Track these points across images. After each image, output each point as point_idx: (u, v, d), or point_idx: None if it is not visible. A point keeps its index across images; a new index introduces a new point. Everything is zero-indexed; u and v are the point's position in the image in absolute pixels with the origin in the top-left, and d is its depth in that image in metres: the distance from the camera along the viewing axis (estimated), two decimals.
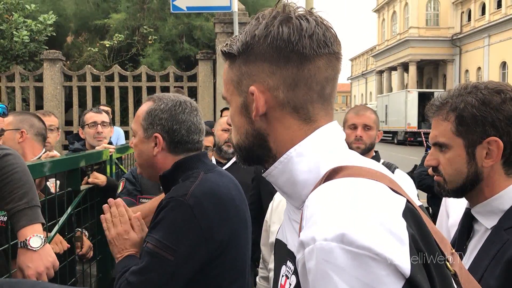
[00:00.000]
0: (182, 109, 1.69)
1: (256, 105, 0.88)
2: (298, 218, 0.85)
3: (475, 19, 33.97)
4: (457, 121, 1.28)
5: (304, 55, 0.86)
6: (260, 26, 0.88)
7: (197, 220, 1.48)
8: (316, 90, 0.88)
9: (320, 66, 0.87)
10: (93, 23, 9.46)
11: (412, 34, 37.66)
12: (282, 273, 0.89)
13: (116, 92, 8.43)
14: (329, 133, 0.90)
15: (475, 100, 1.25)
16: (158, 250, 1.46)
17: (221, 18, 7.75)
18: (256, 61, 0.88)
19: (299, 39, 0.85)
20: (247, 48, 0.89)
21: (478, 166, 1.27)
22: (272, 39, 0.86)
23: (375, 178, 0.79)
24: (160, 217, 1.50)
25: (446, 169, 1.32)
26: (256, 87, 0.88)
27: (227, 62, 0.95)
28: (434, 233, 0.80)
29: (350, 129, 2.63)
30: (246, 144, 0.94)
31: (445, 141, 1.31)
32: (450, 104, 1.30)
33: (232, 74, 0.93)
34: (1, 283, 1.05)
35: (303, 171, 0.86)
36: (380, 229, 0.68)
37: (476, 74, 33.69)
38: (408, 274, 0.66)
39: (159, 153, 1.68)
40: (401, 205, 0.76)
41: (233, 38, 0.93)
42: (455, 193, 1.34)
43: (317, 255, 0.68)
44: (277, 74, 0.87)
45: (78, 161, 2.44)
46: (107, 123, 3.51)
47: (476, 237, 1.29)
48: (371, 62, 53.38)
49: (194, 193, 1.51)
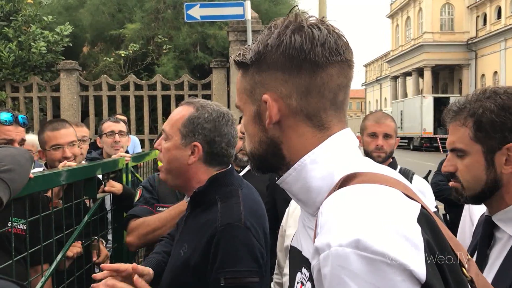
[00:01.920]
0: (226, 121, 1.66)
1: (270, 113, 0.89)
2: (313, 225, 0.85)
3: (491, 23, 33.61)
4: (475, 127, 1.25)
5: (316, 63, 0.86)
6: (272, 35, 0.89)
7: (256, 239, 1.51)
8: (329, 97, 0.89)
9: (332, 74, 0.88)
10: (108, 33, 9.58)
11: (427, 39, 37.40)
12: (297, 279, 0.90)
13: (131, 101, 8.51)
14: (343, 140, 0.91)
15: (494, 106, 1.23)
16: (245, 279, 1.44)
17: (234, 27, 7.79)
18: (269, 70, 0.89)
19: (312, 48, 0.86)
20: (260, 57, 0.90)
21: (497, 173, 1.24)
22: (285, 48, 0.87)
23: (389, 184, 0.79)
24: (225, 248, 1.45)
25: (464, 175, 1.30)
26: (269, 96, 0.89)
27: (240, 72, 0.96)
28: (449, 239, 0.80)
29: (370, 137, 2.60)
30: (260, 152, 0.95)
31: (463, 147, 1.29)
32: (468, 109, 1.28)
33: (245, 83, 0.94)
34: None
35: (317, 178, 0.87)
36: (395, 235, 0.69)
37: (493, 78, 33.27)
38: (423, 280, 0.66)
39: (194, 163, 1.64)
40: (415, 211, 0.76)
41: (246, 48, 0.95)
42: (473, 200, 1.32)
43: (332, 261, 0.69)
44: (290, 83, 0.88)
45: (95, 169, 2.47)
46: (124, 132, 3.56)
47: (499, 245, 1.26)
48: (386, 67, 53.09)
49: (245, 215, 1.52)
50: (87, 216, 2.34)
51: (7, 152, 1.67)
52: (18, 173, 1.63)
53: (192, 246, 1.53)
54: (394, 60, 45.17)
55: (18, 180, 1.62)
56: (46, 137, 2.59)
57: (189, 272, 1.50)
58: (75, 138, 2.68)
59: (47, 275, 1.93)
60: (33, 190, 1.81)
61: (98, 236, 2.54)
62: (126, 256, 2.81)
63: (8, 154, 1.65)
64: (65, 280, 2.12)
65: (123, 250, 2.74)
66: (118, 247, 2.76)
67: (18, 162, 1.65)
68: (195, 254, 1.50)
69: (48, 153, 2.60)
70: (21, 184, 1.65)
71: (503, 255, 1.23)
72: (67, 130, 2.64)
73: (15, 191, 1.60)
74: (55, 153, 2.57)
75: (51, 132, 2.59)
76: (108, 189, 2.63)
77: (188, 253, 1.53)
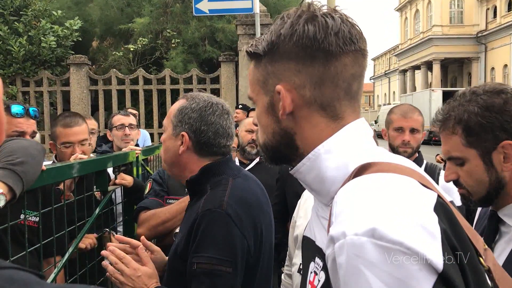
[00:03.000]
0: (213, 111, 1.66)
1: (283, 104, 0.88)
2: (327, 215, 0.85)
3: (501, 15, 33.20)
4: (465, 133, 1.25)
5: (330, 52, 0.86)
6: (285, 25, 0.88)
7: (238, 228, 1.48)
8: (343, 87, 0.88)
9: (346, 63, 0.87)
10: (117, 27, 9.61)
11: (436, 32, 37.05)
12: (310, 269, 0.89)
13: (140, 95, 8.54)
14: (357, 130, 0.90)
15: (477, 108, 1.22)
16: (216, 266, 1.43)
17: (243, 20, 7.78)
18: (282, 60, 0.88)
19: (325, 37, 0.85)
20: (273, 47, 0.89)
21: (499, 172, 1.24)
22: (298, 37, 0.86)
23: (404, 173, 0.78)
24: (202, 233, 1.46)
25: (467, 181, 1.30)
26: (283, 86, 0.88)
27: (253, 62, 0.95)
28: (466, 229, 0.79)
29: (396, 132, 2.53)
30: (273, 144, 0.94)
31: (459, 155, 1.28)
32: (454, 116, 1.27)
33: (258, 74, 0.93)
34: None
35: (332, 167, 0.86)
36: (412, 224, 0.68)
37: (503, 71, 32.93)
38: (440, 269, 0.66)
39: (185, 153, 1.66)
40: (432, 200, 0.75)
41: (258, 38, 0.94)
42: (482, 203, 1.32)
43: (348, 250, 0.68)
44: (303, 73, 0.87)
45: (106, 162, 2.48)
46: (134, 125, 3.58)
47: (505, 239, 1.26)
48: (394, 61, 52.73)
49: (228, 202, 1.50)
50: (99, 209, 2.36)
51: (19, 144, 1.68)
52: (31, 165, 1.64)
53: (181, 234, 1.56)
54: (402, 54, 44.83)
55: (31, 172, 1.63)
56: (58, 132, 2.59)
57: (178, 258, 1.52)
58: (86, 136, 2.65)
59: (60, 266, 1.95)
60: (46, 183, 1.83)
61: (109, 228, 2.56)
62: None
63: (20, 146, 1.67)
64: (77, 271, 2.14)
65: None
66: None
67: (30, 154, 1.66)
68: (182, 241, 1.52)
69: (59, 150, 2.61)
70: (34, 176, 1.66)
71: (508, 249, 1.23)
72: (80, 127, 2.61)
73: (28, 184, 1.61)
74: (65, 150, 2.58)
75: (63, 129, 2.58)
76: (119, 182, 2.65)
77: (177, 241, 1.57)
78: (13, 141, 1.68)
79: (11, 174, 1.56)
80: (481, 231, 1.34)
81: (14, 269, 0.40)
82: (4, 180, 1.53)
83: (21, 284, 0.38)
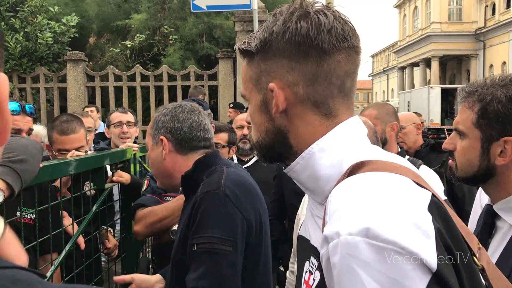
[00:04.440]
0: (182, 110, 1.76)
1: (276, 102, 0.88)
2: (321, 213, 0.85)
3: (500, 12, 33.21)
4: (480, 113, 1.25)
5: (323, 49, 0.85)
6: (278, 22, 0.87)
7: (237, 208, 1.51)
8: (336, 84, 0.87)
9: (339, 60, 0.86)
10: (114, 24, 9.59)
11: (434, 29, 37.06)
12: (305, 269, 0.89)
13: (138, 92, 8.53)
14: (351, 128, 0.89)
15: (504, 96, 1.21)
16: (217, 245, 1.45)
17: (241, 17, 7.76)
18: (274, 58, 0.88)
19: (318, 34, 0.85)
20: (265, 45, 0.88)
21: (491, 162, 1.24)
22: (291, 34, 0.85)
23: (399, 172, 0.78)
24: (201, 214, 1.49)
25: (459, 157, 1.32)
26: (276, 84, 0.88)
27: (246, 60, 0.94)
28: (460, 228, 0.79)
29: None
30: (266, 142, 0.93)
31: (464, 130, 1.29)
32: (479, 93, 1.27)
33: (251, 72, 0.93)
34: None
35: (326, 166, 0.86)
36: (406, 223, 0.67)
37: (501, 69, 32.95)
38: (434, 268, 0.65)
39: (168, 156, 1.72)
40: (426, 198, 0.74)
41: (251, 36, 0.93)
42: (464, 181, 1.33)
43: (342, 249, 0.68)
44: (297, 70, 0.86)
45: (103, 159, 2.47)
46: (132, 123, 3.56)
47: (500, 234, 1.27)
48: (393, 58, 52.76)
49: (226, 184, 1.53)
50: (96, 206, 2.35)
51: (19, 142, 1.67)
52: (30, 164, 1.64)
53: (182, 225, 1.58)
54: (401, 51, 44.85)
55: (29, 170, 1.63)
56: (54, 138, 2.55)
57: (181, 248, 1.54)
58: (83, 143, 2.61)
59: (56, 264, 1.95)
60: (42, 180, 1.82)
61: (106, 225, 2.56)
62: (134, 246, 2.83)
63: (20, 144, 1.66)
64: (74, 269, 2.13)
65: (132, 239, 2.76)
66: (126, 237, 2.77)
67: (30, 153, 1.65)
68: (183, 230, 1.55)
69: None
70: (32, 175, 1.66)
71: (503, 244, 1.23)
72: (76, 135, 2.55)
73: (26, 182, 1.61)
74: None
75: (59, 136, 2.53)
76: (116, 179, 2.64)
77: (179, 232, 1.60)
78: (13, 139, 1.68)
79: (10, 172, 1.55)
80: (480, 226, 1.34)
81: (17, 269, 0.39)
82: (3, 177, 1.52)
83: (24, 284, 0.38)
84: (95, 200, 2.38)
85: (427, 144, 3.50)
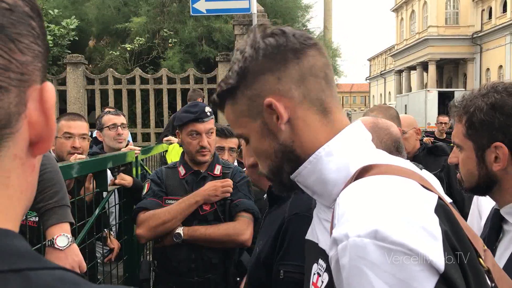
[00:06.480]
0: None
1: (279, 113, 0.89)
2: (329, 217, 0.86)
3: (496, 16, 33.31)
4: (467, 124, 1.29)
5: (297, 49, 0.90)
6: (246, 49, 0.91)
7: None
8: (321, 76, 0.92)
9: (313, 54, 0.91)
10: (114, 27, 9.60)
11: (432, 33, 37.13)
12: (313, 271, 0.91)
13: (137, 95, 8.54)
14: (356, 133, 0.92)
15: (485, 104, 1.25)
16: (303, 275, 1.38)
17: (240, 20, 7.78)
18: (258, 78, 0.90)
19: (286, 39, 0.90)
20: (244, 72, 0.91)
21: (489, 169, 1.27)
22: (264, 51, 0.89)
23: (405, 175, 0.80)
24: (289, 239, 1.37)
25: (461, 168, 1.36)
26: (272, 97, 0.89)
27: (228, 104, 0.96)
28: (466, 230, 0.81)
29: None
30: (277, 164, 0.94)
31: (459, 143, 1.33)
32: (464, 105, 1.32)
33: (240, 107, 0.94)
34: None
35: (333, 170, 0.87)
36: (413, 225, 0.69)
37: (498, 72, 33.04)
38: (442, 270, 0.67)
39: None
40: (433, 201, 0.77)
41: (222, 80, 0.95)
42: (471, 192, 1.37)
43: (351, 251, 0.70)
44: (283, 78, 0.89)
45: (106, 162, 2.50)
46: (125, 124, 3.46)
47: (507, 238, 1.29)
48: (390, 61, 52.81)
49: None
50: (99, 209, 2.37)
51: (55, 169, 1.73)
52: (64, 191, 1.73)
53: (264, 241, 1.48)
54: (398, 54, 44.92)
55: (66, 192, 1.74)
56: (60, 125, 2.69)
57: (261, 267, 1.45)
58: (87, 132, 2.77)
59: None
60: None
61: (108, 228, 2.58)
62: (135, 248, 2.85)
63: (56, 171, 1.73)
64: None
65: (133, 242, 2.77)
66: (128, 239, 2.79)
67: (61, 179, 1.74)
68: (265, 248, 1.45)
69: (59, 141, 2.66)
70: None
71: (511, 248, 1.25)
72: (81, 123, 2.76)
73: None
74: (65, 142, 2.64)
75: (66, 122, 2.70)
76: (119, 182, 2.66)
77: (260, 248, 1.49)
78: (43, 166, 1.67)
79: (67, 210, 1.69)
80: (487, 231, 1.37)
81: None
82: (69, 219, 1.68)
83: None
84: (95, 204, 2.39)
85: (424, 148, 3.53)
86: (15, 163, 0.44)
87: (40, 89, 0.46)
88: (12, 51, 0.42)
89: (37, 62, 0.45)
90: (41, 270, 0.40)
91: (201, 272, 2.31)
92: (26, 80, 0.44)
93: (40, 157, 0.49)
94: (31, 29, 0.44)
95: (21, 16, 0.43)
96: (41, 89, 0.46)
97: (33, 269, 0.40)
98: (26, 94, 0.44)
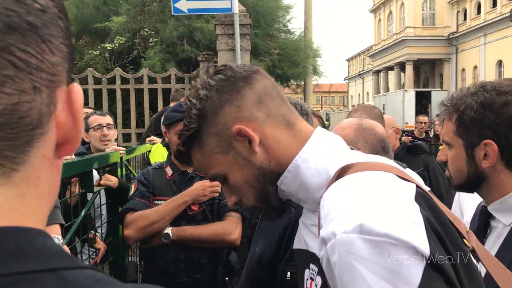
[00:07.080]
0: None
1: (250, 136, 0.92)
2: (315, 221, 0.89)
3: (471, 18, 34.01)
4: (457, 122, 1.32)
5: (246, 77, 0.95)
6: (199, 91, 0.95)
7: None
8: (274, 94, 0.97)
9: (261, 78, 0.97)
10: (94, 26, 9.47)
11: (409, 33, 37.68)
12: (306, 276, 0.93)
13: (118, 95, 8.45)
14: (326, 136, 0.97)
15: (475, 103, 1.29)
16: None
17: (221, 20, 7.77)
18: (219, 113, 0.93)
19: (232, 72, 0.95)
20: (203, 112, 0.94)
21: (478, 166, 1.30)
22: (216, 87, 0.93)
23: (383, 169, 0.84)
24: None
25: (450, 166, 1.39)
26: (239, 124, 0.92)
27: (195, 149, 0.97)
28: (448, 214, 0.85)
29: None
30: (262, 189, 0.96)
31: (449, 140, 1.36)
32: (454, 104, 1.35)
33: (208, 146, 0.95)
34: None
35: (313, 175, 0.91)
36: (396, 215, 0.73)
37: (473, 72, 33.75)
38: (428, 254, 0.70)
39: None
40: (411, 190, 0.80)
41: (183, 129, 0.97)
42: (460, 189, 1.41)
43: (339, 248, 0.72)
44: (242, 105, 0.93)
45: (91, 163, 2.47)
46: (111, 125, 3.46)
47: (495, 234, 1.33)
48: (368, 62, 53.43)
49: None
50: (85, 210, 2.34)
51: None
52: None
53: (266, 242, 1.48)
54: (376, 55, 45.47)
55: None
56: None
57: (263, 268, 1.44)
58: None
59: None
60: None
61: (94, 229, 2.55)
62: (121, 249, 2.83)
63: None
64: None
65: (119, 243, 2.76)
66: (113, 241, 2.77)
67: None
68: (268, 249, 1.44)
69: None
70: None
71: (498, 243, 1.29)
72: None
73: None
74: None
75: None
76: (104, 183, 2.64)
77: (261, 249, 1.49)
78: None
79: (56, 211, 1.69)
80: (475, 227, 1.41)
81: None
82: (60, 221, 1.68)
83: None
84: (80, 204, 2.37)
85: (404, 147, 3.61)
86: (44, 164, 0.45)
87: (67, 90, 0.47)
88: (44, 52, 0.42)
89: (65, 63, 0.46)
90: (74, 269, 0.41)
91: (190, 272, 2.31)
92: (56, 80, 0.44)
93: (63, 159, 0.49)
94: (60, 30, 0.45)
95: (52, 17, 0.44)
96: (69, 90, 0.47)
97: (67, 269, 0.40)
98: (55, 95, 0.45)
